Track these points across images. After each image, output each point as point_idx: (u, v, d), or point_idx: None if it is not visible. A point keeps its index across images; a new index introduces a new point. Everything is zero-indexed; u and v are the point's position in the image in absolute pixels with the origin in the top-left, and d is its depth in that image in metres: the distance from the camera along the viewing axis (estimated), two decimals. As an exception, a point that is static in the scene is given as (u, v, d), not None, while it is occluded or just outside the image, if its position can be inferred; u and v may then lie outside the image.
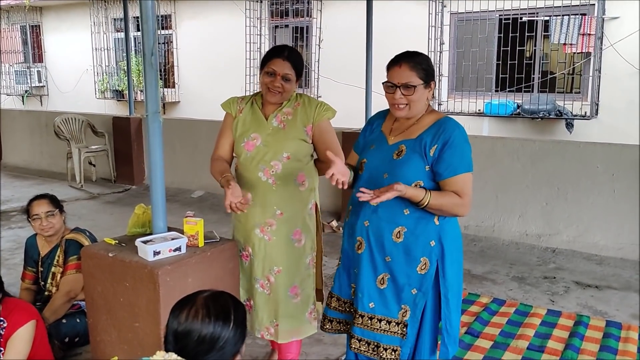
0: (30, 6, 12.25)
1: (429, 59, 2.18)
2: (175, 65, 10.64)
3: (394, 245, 2.12)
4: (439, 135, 2.08)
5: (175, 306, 1.41)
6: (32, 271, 3.33)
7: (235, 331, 1.40)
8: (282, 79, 2.50)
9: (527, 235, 5.11)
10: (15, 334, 2.50)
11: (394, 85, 2.11)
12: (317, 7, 8.79)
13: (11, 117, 9.67)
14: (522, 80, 7.27)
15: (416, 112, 2.16)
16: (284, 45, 2.62)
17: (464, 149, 2.09)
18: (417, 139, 2.12)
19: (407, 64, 2.10)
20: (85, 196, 7.27)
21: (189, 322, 1.37)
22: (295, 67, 2.54)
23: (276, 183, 2.55)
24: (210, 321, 1.37)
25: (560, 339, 3.34)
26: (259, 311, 2.69)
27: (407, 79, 2.09)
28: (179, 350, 1.34)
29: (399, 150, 2.14)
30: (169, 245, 2.43)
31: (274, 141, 2.55)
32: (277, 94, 2.53)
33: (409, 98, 2.10)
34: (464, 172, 2.07)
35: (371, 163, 2.21)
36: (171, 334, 1.37)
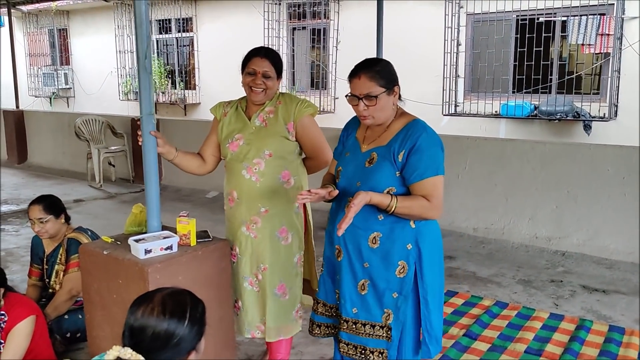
0: (57, 10, 12.55)
1: (389, 64, 2.17)
2: (196, 67, 10.79)
3: (371, 251, 2.13)
4: (406, 140, 2.09)
5: (134, 302, 1.46)
6: (38, 268, 3.43)
7: (190, 329, 1.43)
8: (262, 77, 2.57)
9: (537, 238, 5.06)
10: (15, 328, 2.59)
11: (356, 97, 2.12)
12: (335, 8, 8.83)
13: (36, 118, 9.93)
14: (539, 82, 7.18)
15: (384, 119, 2.16)
16: (262, 46, 2.69)
17: (431, 152, 2.08)
18: (387, 146, 2.13)
19: (365, 74, 2.10)
20: (103, 195, 7.43)
21: (145, 318, 1.41)
22: (274, 65, 2.61)
23: (259, 180, 2.60)
24: (164, 318, 1.41)
25: (560, 343, 3.31)
26: (249, 310, 2.73)
27: (367, 89, 2.09)
28: (134, 345, 1.38)
29: (370, 158, 2.15)
30: (160, 243, 2.48)
31: (256, 139, 2.61)
32: (260, 92, 2.59)
33: (372, 108, 2.10)
34: (432, 176, 2.06)
35: (346, 171, 2.22)
36: (127, 329, 1.42)
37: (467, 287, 4.23)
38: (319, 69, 9.32)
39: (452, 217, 5.54)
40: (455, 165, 5.49)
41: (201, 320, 1.48)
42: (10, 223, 6.11)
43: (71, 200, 7.05)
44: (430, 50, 7.88)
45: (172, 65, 11.34)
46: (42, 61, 13.53)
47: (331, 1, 8.85)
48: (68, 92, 13.11)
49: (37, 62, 13.57)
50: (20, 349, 2.57)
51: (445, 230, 5.49)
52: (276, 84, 2.67)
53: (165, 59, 11.42)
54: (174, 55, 11.30)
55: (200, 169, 2.82)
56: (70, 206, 6.72)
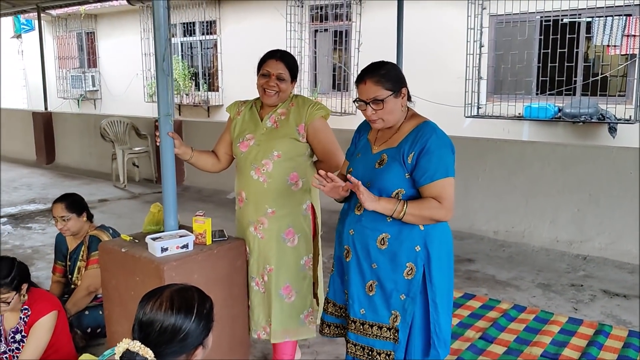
0: (86, 14, 12.81)
1: (395, 67, 2.18)
2: (219, 69, 10.91)
3: (379, 252, 2.14)
4: (415, 142, 2.09)
5: (143, 297, 1.50)
6: (62, 265, 3.53)
7: (197, 324, 1.47)
8: (276, 79, 2.60)
9: (558, 241, 5.00)
10: (37, 323, 2.66)
11: (364, 102, 2.14)
12: (357, 10, 8.84)
13: (64, 120, 10.15)
14: (563, 83, 7.10)
15: (393, 122, 2.17)
16: (278, 49, 2.71)
17: (441, 154, 2.08)
18: (397, 147, 2.14)
19: (371, 79, 2.11)
20: (127, 195, 7.57)
21: (153, 313, 1.45)
22: (289, 68, 2.63)
23: (267, 181, 2.63)
24: (172, 313, 1.44)
25: (577, 348, 3.27)
26: (255, 310, 2.77)
27: (373, 93, 2.10)
28: (142, 338, 1.43)
29: (380, 160, 2.17)
30: (176, 242, 2.54)
31: (265, 140, 2.64)
32: (273, 94, 2.63)
33: (380, 112, 2.12)
34: (442, 178, 2.06)
35: (356, 172, 2.23)
36: (137, 323, 1.46)
37: (485, 290, 4.21)
38: (340, 70, 9.35)
39: (472, 219, 5.51)
40: (475, 167, 5.46)
41: (208, 316, 1.52)
42: (38, 222, 6.26)
43: (96, 200, 7.20)
44: (452, 52, 7.85)
45: (196, 67, 11.49)
46: (70, 64, 13.82)
47: (353, 3, 8.87)
48: (95, 94, 13.37)
49: (66, 65, 13.87)
50: (42, 343, 2.64)
51: (465, 233, 5.47)
52: (290, 87, 2.70)
53: (189, 62, 11.57)
54: (198, 57, 11.45)
55: (214, 167, 2.87)
56: (95, 206, 6.87)
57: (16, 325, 2.67)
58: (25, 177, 9.14)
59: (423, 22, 8.00)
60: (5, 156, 11.12)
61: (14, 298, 2.58)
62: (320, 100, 9.32)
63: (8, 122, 11.32)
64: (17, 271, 2.61)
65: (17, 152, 10.96)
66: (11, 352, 2.68)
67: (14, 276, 2.57)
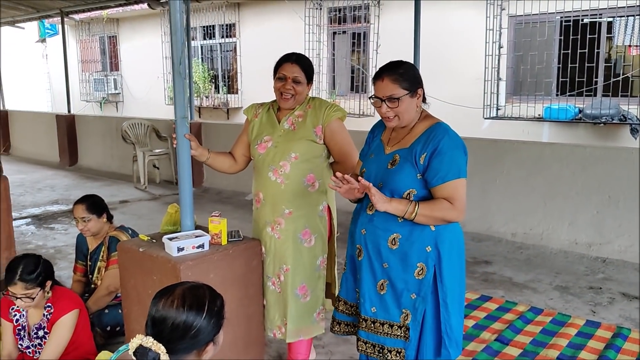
0: (108, 18, 13.02)
1: (413, 67, 2.20)
2: (239, 72, 11.00)
3: (390, 252, 2.16)
4: (428, 143, 2.11)
5: (156, 294, 1.55)
6: (82, 265, 3.61)
7: (208, 321, 1.51)
8: (292, 82, 2.63)
9: (577, 244, 4.95)
10: (60, 320, 2.73)
11: (379, 99, 2.16)
12: (375, 12, 8.86)
13: (86, 122, 10.33)
14: (583, 84, 7.02)
15: (407, 121, 2.19)
16: (293, 52, 2.75)
17: (453, 155, 2.09)
18: (409, 148, 2.16)
19: (389, 77, 2.13)
20: (148, 197, 7.68)
21: (165, 310, 1.49)
22: (305, 71, 2.67)
23: (285, 183, 2.67)
24: (184, 310, 1.48)
25: (595, 351, 3.24)
26: (271, 310, 2.80)
27: (390, 91, 2.13)
28: (155, 334, 1.47)
29: (393, 160, 2.18)
30: (192, 242, 2.59)
31: (283, 142, 2.68)
32: (290, 97, 2.66)
33: (395, 110, 2.14)
34: (454, 179, 2.07)
35: (369, 172, 2.26)
36: (150, 319, 1.51)
37: (502, 292, 4.19)
38: (358, 72, 9.37)
39: (490, 221, 5.48)
40: (493, 169, 5.44)
41: (219, 313, 1.55)
42: (60, 222, 6.39)
43: (117, 201, 7.32)
44: (471, 53, 7.82)
45: (216, 70, 11.60)
46: (93, 67, 14.05)
47: (371, 5, 8.89)
48: (117, 97, 13.57)
49: (89, 68, 14.10)
50: (63, 340, 2.71)
51: (483, 235, 5.45)
52: (306, 90, 2.73)
53: (209, 64, 11.69)
54: (218, 60, 11.56)
55: (231, 169, 2.92)
56: (116, 207, 6.98)
57: (39, 322, 2.74)
58: (49, 178, 9.33)
59: (441, 23, 7.98)
60: (30, 158, 11.36)
61: (38, 294, 2.65)
62: (338, 102, 9.34)
63: (33, 124, 11.56)
64: (42, 268, 2.68)
65: (41, 154, 11.19)
66: (34, 347, 2.76)
67: (39, 273, 2.65)
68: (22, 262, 2.63)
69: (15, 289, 2.59)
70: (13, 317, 2.77)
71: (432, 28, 7.80)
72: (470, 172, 5.94)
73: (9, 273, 2.60)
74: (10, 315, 2.77)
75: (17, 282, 2.58)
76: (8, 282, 2.60)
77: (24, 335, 2.77)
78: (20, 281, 2.58)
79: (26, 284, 2.60)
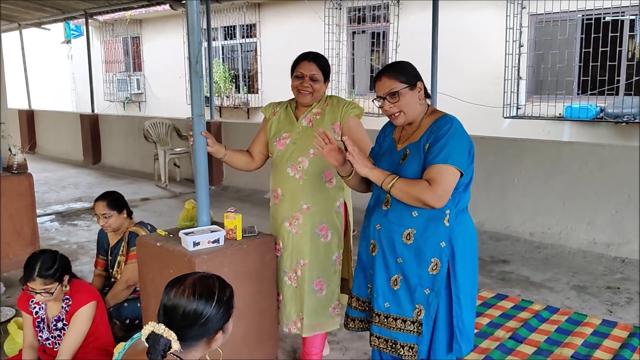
0: (131, 19, 13.22)
1: (408, 64, 2.24)
2: (259, 72, 11.10)
3: (405, 247, 2.18)
4: (432, 134, 2.13)
5: (168, 283, 1.60)
6: (103, 259, 3.69)
7: (217, 310, 1.56)
8: (310, 80, 2.68)
9: (596, 243, 4.90)
10: (78, 312, 2.80)
11: (381, 97, 2.20)
12: (395, 12, 8.86)
13: (109, 122, 10.52)
14: (605, 83, 6.94)
15: (413, 117, 2.22)
16: (310, 51, 2.79)
17: (448, 142, 2.09)
18: (418, 141, 2.18)
19: (385, 75, 2.19)
20: (168, 195, 7.80)
21: (176, 298, 1.54)
22: (322, 69, 2.72)
23: (303, 178, 2.71)
24: (194, 299, 1.54)
25: (610, 350, 3.22)
26: (287, 304, 2.84)
27: (388, 87, 2.17)
28: (166, 322, 1.52)
29: (404, 155, 2.21)
30: (208, 237, 2.64)
31: (301, 139, 2.72)
32: (307, 94, 2.71)
33: (398, 105, 2.17)
34: (440, 163, 2.07)
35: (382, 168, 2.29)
36: (162, 307, 1.56)
37: (518, 291, 4.18)
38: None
39: (508, 221, 5.46)
40: (512, 168, 5.42)
41: (228, 303, 1.60)
42: (83, 219, 6.53)
43: (138, 198, 7.45)
44: (491, 52, 7.78)
45: (236, 70, 11.70)
46: (116, 68, 14.28)
47: (391, 5, 8.89)
48: (140, 97, 13.77)
49: (113, 69, 14.34)
50: (82, 331, 2.78)
51: (501, 235, 5.43)
52: (323, 87, 2.78)
53: (230, 64, 11.80)
54: (238, 60, 11.66)
55: (248, 166, 2.97)
56: (138, 204, 7.11)
57: (58, 314, 2.82)
58: (73, 176, 9.52)
59: (462, 23, 7.96)
60: (55, 157, 11.61)
61: (57, 289, 2.73)
62: (358, 102, 9.36)
63: (57, 124, 11.81)
64: (59, 264, 2.75)
65: (65, 152, 11.42)
66: (53, 338, 2.83)
67: (57, 268, 2.72)
68: (40, 258, 2.70)
69: (34, 284, 2.66)
70: (33, 309, 2.85)
71: (452, 27, 7.79)
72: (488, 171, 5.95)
73: (27, 269, 2.67)
74: (30, 308, 2.85)
75: (36, 278, 2.65)
76: (27, 278, 2.67)
77: (44, 327, 2.85)
78: (39, 277, 2.65)
79: (44, 280, 2.66)
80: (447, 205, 2.13)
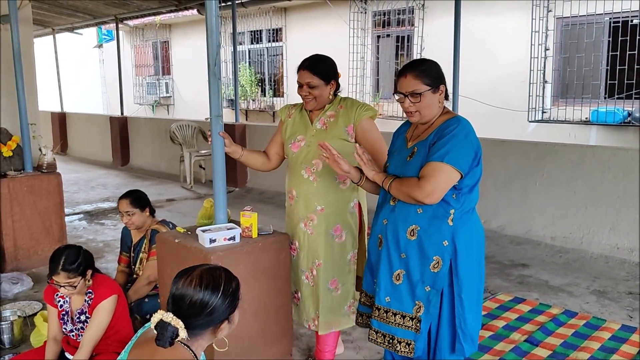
0: (160, 24, 13.48)
1: (435, 64, 2.26)
2: (285, 76, 11.21)
3: (408, 242, 2.22)
4: (439, 134, 2.17)
5: (177, 274, 1.67)
6: (126, 256, 3.80)
7: (223, 300, 1.62)
8: (308, 87, 2.74)
9: (618, 249, 4.84)
10: (99, 305, 2.90)
11: (403, 95, 2.23)
12: (419, 15, 8.86)
13: (138, 124, 10.75)
14: (633, 87, 6.84)
15: (429, 117, 2.25)
16: (307, 58, 2.85)
17: (450, 141, 2.11)
18: (425, 140, 2.22)
19: (411, 73, 2.21)
20: (193, 196, 7.93)
21: (184, 288, 1.61)
22: (318, 74, 2.76)
23: (317, 180, 2.77)
24: (201, 289, 1.61)
25: (627, 355, 3.19)
26: (305, 302, 2.90)
27: (412, 87, 2.19)
28: (174, 311, 1.60)
29: (412, 153, 2.25)
30: (224, 234, 2.72)
31: (315, 141, 2.77)
32: (310, 101, 2.79)
33: (417, 105, 2.20)
34: (437, 161, 2.09)
35: (391, 165, 2.35)
36: (170, 297, 1.63)
37: (536, 294, 4.16)
38: (402, 76, 9.36)
39: (529, 224, 5.43)
40: (534, 172, 5.38)
41: (234, 294, 1.66)
42: (110, 218, 6.70)
43: (164, 199, 7.60)
44: (516, 55, 7.73)
45: (262, 73, 11.83)
46: (146, 71, 14.57)
47: (416, 8, 8.90)
48: (168, 100, 14.02)
49: (142, 72, 14.63)
50: (103, 324, 2.88)
51: (522, 238, 5.40)
52: (326, 90, 2.81)
53: (256, 68, 11.94)
54: (264, 64, 11.79)
55: (264, 166, 3.04)
56: (163, 205, 7.26)
57: (81, 307, 2.92)
58: (102, 177, 9.76)
59: (487, 26, 7.93)
60: (85, 158, 11.90)
61: (80, 282, 2.83)
62: (382, 105, 9.39)
63: (88, 126, 12.11)
64: (82, 258, 2.85)
65: (95, 154, 11.70)
66: (77, 330, 2.94)
67: (80, 262, 2.82)
68: (64, 253, 2.80)
69: (59, 278, 2.77)
70: (57, 302, 2.96)
71: (478, 31, 7.76)
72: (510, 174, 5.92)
73: (52, 263, 2.78)
74: (55, 301, 2.96)
75: (60, 272, 2.75)
76: (52, 271, 2.78)
77: (68, 320, 2.96)
78: (63, 271, 2.75)
79: (68, 274, 2.76)
80: (452, 205, 2.16)
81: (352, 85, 9.41)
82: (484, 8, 7.94)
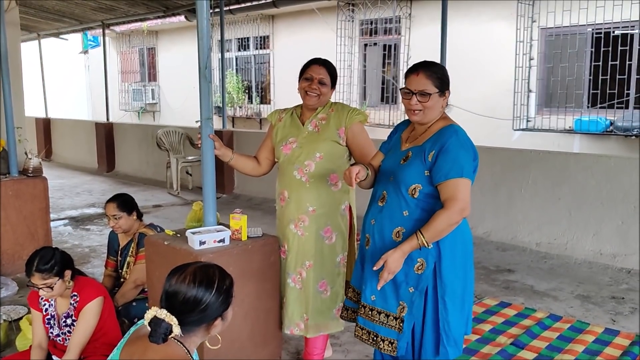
0: (147, 30, 13.46)
1: (444, 69, 2.30)
2: (272, 83, 11.24)
3: (394, 243, 2.23)
4: (438, 142, 2.20)
5: (171, 271, 1.68)
6: (113, 260, 3.78)
7: (217, 298, 1.63)
8: (318, 83, 2.77)
9: (602, 254, 4.91)
10: (85, 307, 2.88)
11: (411, 92, 2.25)
12: (406, 24, 8.96)
13: (123, 130, 10.70)
14: (615, 96, 6.97)
15: (430, 118, 2.28)
16: (320, 57, 2.89)
17: (458, 154, 2.16)
18: (421, 146, 2.25)
19: (424, 72, 2.24)
20: (180, 202, 7.91)
21: (177, 285, 1.62)
22: (330, 74, 2.82)
23: (309, 181, 2.79)
24: (194, 286, 1.62)
25: (611, 357, 3.24)
26: (289, 307, 2.90)
27: (423, 86, 2.22)
28: (168, 307, 1.60)
29: (406, 156, 2.28)
30: (213, 236, 2.72)
31: (308, 143, 2.80)
32: (314, 96, 2.80)
33: (424, 104, 2.23)
34: (455, 177, 2.13)
35: (384, 165, 2.38)
36: (164, 293, 1.64)
37: (522, 299, 4.20)
38: (389, 84, 9.46)
39: (515, 231, 5.49)
40: (519, 178, 5.45)
41: (228, 292, 1.67)
42: (96, 224, 6.65)
43: (151, 205, 7.57)
44: (501, 65, 7.84)
45: (250, 81, 11.85)
46: (132, 78, 14.52)
47: (403, 17, 8.99)
48: (154, 107, 13.97)
49: (128, 79, 14.58)
50: (89, 326, 2.85)
51: (508, 245, 5.46)
52: (329, 93, 2.87)
53: (243, 75, 11.96)
54: (252, 71, 11.82)
55: (255, 171, 3.05)
56: (150, 211, 7.22)
57: (67, 310, 2.90)
58: (87, 183, 9.69)
59: (472, 35, 8.04)
60: (70, 164, 11.80)
61: (57, 284, 2.78)
62: (369, 113, 9.44)
63: (73, 132, 12.01)
64: (57, 258, 2.80)
65: (81, 160, 11.61)
66: (64, 334, 2.91)
67: (54, 263, 2.77)
68: (38, 254, 2.77)
69: (35, 279, 2.74)
70: (43, 307, 2.93)
71: (463, 40, 7.86)
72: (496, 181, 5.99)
73: (27, 265, 2.76)
74: (40, 305, 2.93)
75: (35, 273, 2.73)
76: (27, 273, 2.76)
77: (54, 324, 2.93)
78: (37, 272, 2.73)
79: (42, 274, 2.73)
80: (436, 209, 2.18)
81: (339, 93, 9.46)
82: (470, 18, 8.05)
